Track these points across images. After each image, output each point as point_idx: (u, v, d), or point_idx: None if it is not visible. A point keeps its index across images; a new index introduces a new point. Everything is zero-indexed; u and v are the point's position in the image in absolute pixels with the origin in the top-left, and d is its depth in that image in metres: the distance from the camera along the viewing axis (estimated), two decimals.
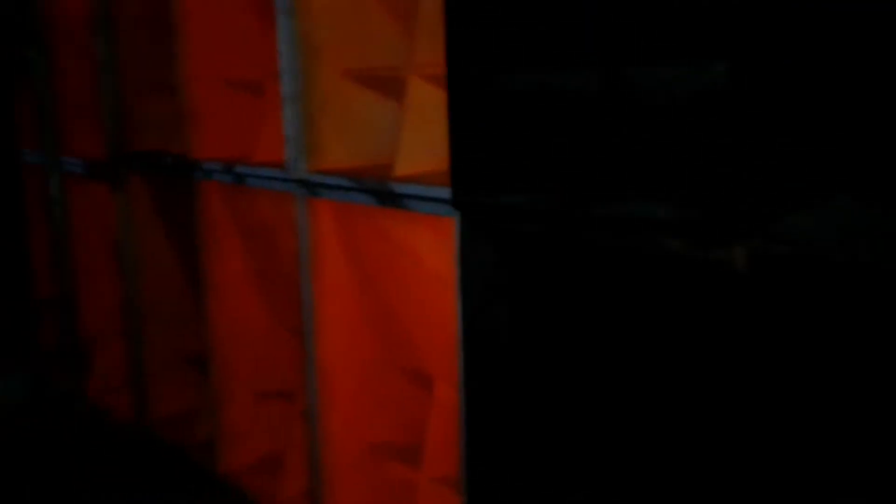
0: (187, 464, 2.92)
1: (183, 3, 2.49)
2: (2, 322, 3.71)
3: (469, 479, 1.76)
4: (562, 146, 1.44)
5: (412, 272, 2.04)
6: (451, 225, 1.71)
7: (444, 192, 1.71)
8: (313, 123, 2.11)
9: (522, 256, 1.65)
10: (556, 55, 1.46)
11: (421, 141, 1.99)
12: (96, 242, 3.49)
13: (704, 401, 1.36)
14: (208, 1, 2.52)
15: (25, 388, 3.59)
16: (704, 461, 1.37)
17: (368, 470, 2.35)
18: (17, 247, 3.97)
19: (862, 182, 1.13)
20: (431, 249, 1.92)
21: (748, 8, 1.21)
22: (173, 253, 3.13)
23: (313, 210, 2.16)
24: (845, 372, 1.19)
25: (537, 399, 1.64)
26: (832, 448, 1.21)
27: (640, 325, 1.43)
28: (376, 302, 2.22)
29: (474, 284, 1.69)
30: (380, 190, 1.90)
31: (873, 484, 1.17)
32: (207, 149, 2.58)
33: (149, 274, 3.18)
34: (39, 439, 3.17)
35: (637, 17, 1.31)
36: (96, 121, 3.23)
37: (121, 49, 3.03)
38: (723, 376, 1.35)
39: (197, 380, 3.08)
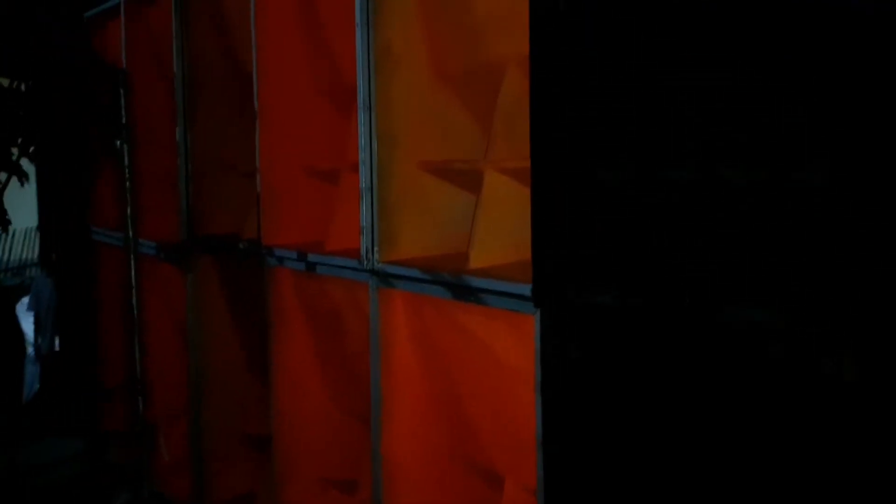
0: None
1: (264, 92, 2.60)
2: (69, 401, 3.79)
3: None
4: (657, 245, 1.42)
5: (485, 366, 2.00)
6: (529, 321, 1.69)
7: (523, 288, 1.69)
8: (388, 214, 2.15)
9: (609, 356, 1.61)
10: (650, 153, 1.46)
11: (496, 233, 2.00)
12: (165, 322, 3.56)
13: None
14: (288, 91, 2.63)
15: (86, 465, 3.62)
16: None
17: None
18: (88, 328, 4.08)
19: None
20: (507, 344, 1.89)
21: (843, 116, 1.20)
22: (239, 335, 3.17)
23: (385, 300, 2.17)
24: None
25: None
26: None
27: (743, 434, 1.36)
28: (446, 394, 2.19)
29: (556, 384, 1.65)
30: (455, 283, 1.90)
31: None
32: (280, 235, 2.64)
33: (213, 355, 3.22)
34: None
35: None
36: (168, 205, 3.36)
37: (196, 136, 3.16)
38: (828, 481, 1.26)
39: (257, 462, 3.05)
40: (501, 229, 2.00)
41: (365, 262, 2.16)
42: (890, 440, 1.20)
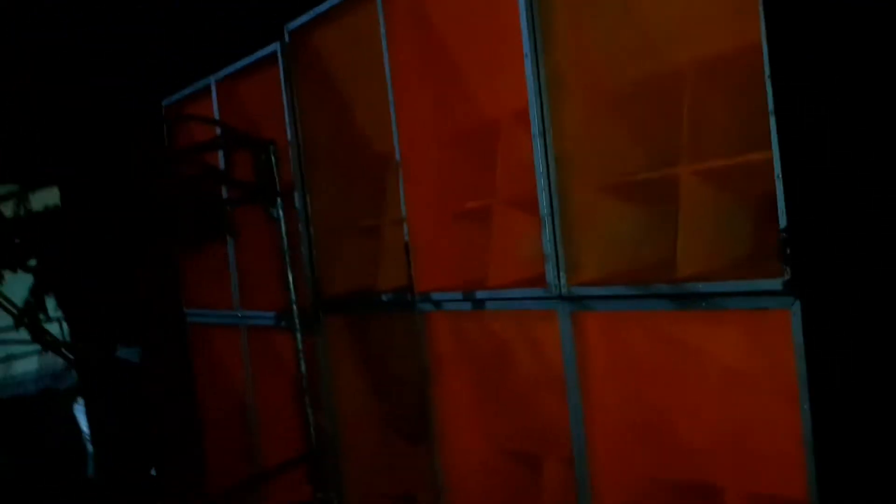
0: None
1: (404, 142, 2.61)
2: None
3: None
4: None
5: (704, 376, 1.94)
6: (782, 317, 1.64)
7: (771, 284, 1.65)
8: (569, 238, 2.12)
9: (871, 348, 1.56)
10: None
11: (699, 238, 1.97)
12: (284, 391, 3.47)
13: None
14: (424, 139, 2.64)
15: None
16: None
17: None
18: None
19: None
20: (736, 347, 1.84)
21: None
22: (376, 393, 3.10)
23: (579, 324, 2.12)
24: None
25: None
26: None
27: None
28: (652, 414, 2.11)
29: (824, 382, 1.58)
30: (676, 293, 1.86)
31: None
32: (433, 280, 2.61)
33: (349, 416, 3.13)
34: None
35: None
36: (274, 274, 3.34)
37: (314, 201, 3.16)
38: None
39: None
40: (704, 233, 1.97)
41: (553, 289, 2.13)
42: None
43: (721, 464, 1.98)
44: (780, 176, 1.56)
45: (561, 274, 2.12)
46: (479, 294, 2.39)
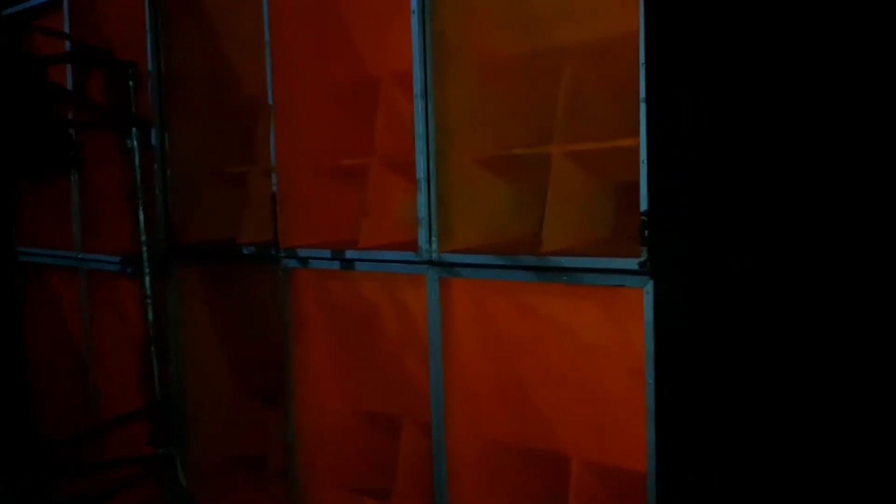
0: None
1: (279, 87, 2.47)
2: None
3: None
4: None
5: (562, 349, 2.03)
6: (635, 296, 1.73)
7: (628, 263, 1.73)
8: (444, 204, 2.12)
9: (721, 329, 1.69)
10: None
11: (565, 216, 2.03)
12: (127, 346, 3.25)
13: None
14: (303, 87, 2.52)
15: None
16: None
17: None
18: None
19: None
20: (593, 322, 1.93)
21: None
22: (230, 351, 2.97)
23: (447, 290, 2.13)
24: None
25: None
26: None
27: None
28: (511, 383, 2.18)
29: (668, 359, 1.69)
30: (541, 266, 1.91)
31: None
32: (300, 236, 2.52)
33: (199, 371, 2.99)
34: None
35: None
36: (126, 217, 3.09)
37: (173, 140, 2.94)
38: None
39: (257, 484, 2.87)
40: (570, 212, 2.04)
41: (424, 254, 2.12)
42: None
43: (571, 434, 2.09)
44: (646, 161, 1.64)
45: (433, 239, 2.11)
46: (349, 254, 2.34)
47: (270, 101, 2.47)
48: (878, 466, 2.12)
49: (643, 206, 1.67)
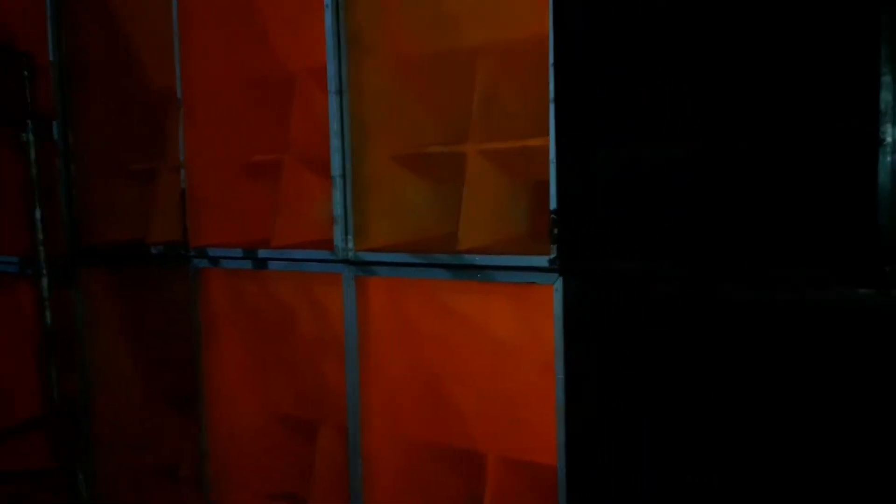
0: None
1: (188, 82, 2.39)
2: None
3: None
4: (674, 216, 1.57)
5: (478, 346, 2.03)
6: (546, 293, 1.76)
7: (538, 260, 1.76)
8: (360, 202, 2.09)
9: (629, 327, 1.73)
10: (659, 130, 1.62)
11: (481, 215, 2.04)
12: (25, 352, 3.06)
13: None
14: (215, 81, 2.44)
15: None
16: None
17: None
18: None
19: None
20: (506, 320, 1.94)
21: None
22: (139, 358, 2.84)
23: (363, 289, 2.10)
24: None
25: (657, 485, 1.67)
26: None
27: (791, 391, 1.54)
28: (428, 381, 2.17)
29: (578, 356, 1.72)
30: (455, 264, 1.91)
31: None
32: (211, 235, 2.43)
33: (105, 378, 2.85)
34: None
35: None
36: (23, 217, 2.92)
37: (78, 135, 2.79)
38: None
39: (170, 492, 2.76)
40: (486, 211, 2.05)
41: (340, 252, 2.09)
42: None
43: (486, 431, 2.10)
44: (555, 161, 1.66)
45: (349, 238, 2.08)
46: (262, 253, 2.28)
47: (179, 95, 2.38)
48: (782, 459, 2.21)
49: (552, 204, 1.70)
